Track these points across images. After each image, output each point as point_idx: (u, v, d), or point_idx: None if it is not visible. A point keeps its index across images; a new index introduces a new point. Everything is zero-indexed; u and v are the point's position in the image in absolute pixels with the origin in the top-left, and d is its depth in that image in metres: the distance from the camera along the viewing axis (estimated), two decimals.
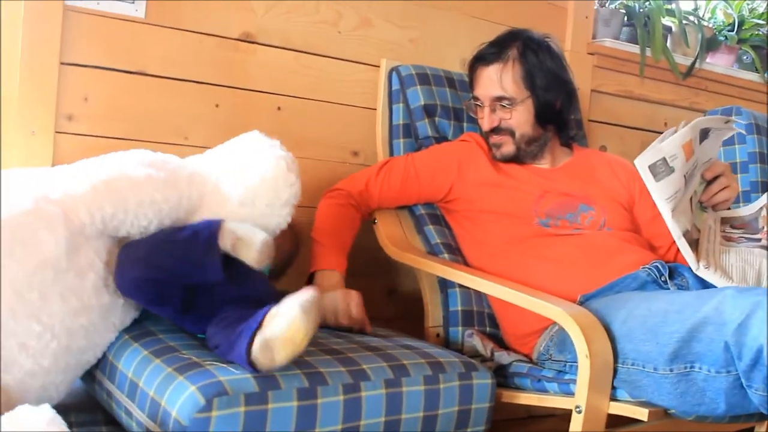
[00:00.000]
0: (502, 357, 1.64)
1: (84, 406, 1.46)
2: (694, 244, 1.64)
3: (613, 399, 1.44)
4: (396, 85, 1.99)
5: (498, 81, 1.78)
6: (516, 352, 1.69)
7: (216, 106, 1.84)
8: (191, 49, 1.80)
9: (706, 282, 1.62)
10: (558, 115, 1.83)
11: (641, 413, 1.41)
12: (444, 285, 1.79)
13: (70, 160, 1.48)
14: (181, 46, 1.78)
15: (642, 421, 1.41)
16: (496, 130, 1.81)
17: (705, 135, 1.62)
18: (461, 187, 1.82)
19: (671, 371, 1.35)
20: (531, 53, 1.79)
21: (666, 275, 1.64)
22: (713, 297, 1.36)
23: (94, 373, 1.39)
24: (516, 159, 1.83)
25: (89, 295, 1.30)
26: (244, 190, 1.42)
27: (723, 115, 2.20)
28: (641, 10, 2.50)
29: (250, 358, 1.17)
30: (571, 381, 1.49)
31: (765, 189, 2.26)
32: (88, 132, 1.70)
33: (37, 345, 1.24)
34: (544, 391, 1.55)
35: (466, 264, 1.82)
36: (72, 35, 1.65)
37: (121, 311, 1.37)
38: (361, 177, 1.85)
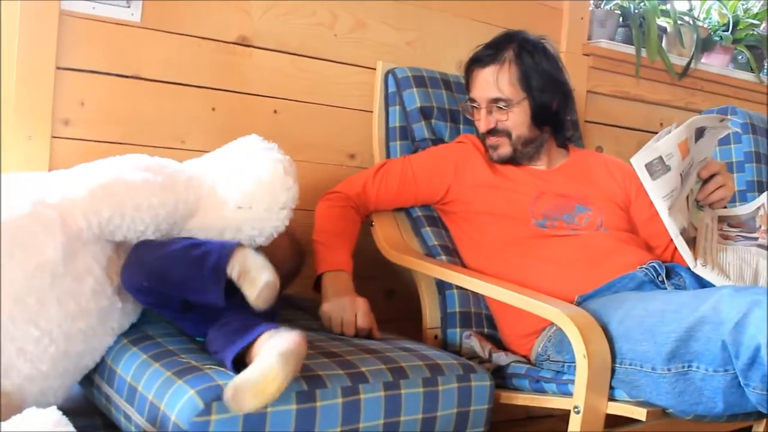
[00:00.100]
0: (500, 358, 1.64)
1: (82, 410, 1.46)
2: (691, 242, 1.65)
3: (612, 399, 1.44)
4: (392, 88, 1.99)
5: (494, 83, 1.78)
6: (514, 353, 1.70)
7: (212, 109, 1.84)
8: (187, 53, 1.79)
9: (703, 281, 1.63)
10: (554, 117, 1.84)
11: (639, 413, 1.41)
12: (441, 287, 1.79)
13: (67, 164, 1.48)
14: (177, 49, 1.78)
15: (640, 421, 1.42)
16: (492, 131, 1.81)
17: (700, 134, 1.63)
18: (458, 189, 1.82)
19: (669, 371, 1.35)
20: (527, 55, 1.79)
21: (663, 275, 1.64)
22: (710, 296, 1.36)
23: (92, 378, 1.39)
24: (512, 160, 1.83)
25: (87, 300, 1.30)
26: (241, 194, 1.41)
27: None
28: (636, 10, 2.51)
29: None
30: (569, 381, 1.49)
31: (761, 188, 2.26)
32: (84, 136, 1.69)
33: (36, 350, 1.24)
34: (542, 392, 1.55)
35: (463, 265, 1.82)
36: (68, 40, 1.65)
37: (120, 315, 1.37)
38: (359, 179, 1.85)
